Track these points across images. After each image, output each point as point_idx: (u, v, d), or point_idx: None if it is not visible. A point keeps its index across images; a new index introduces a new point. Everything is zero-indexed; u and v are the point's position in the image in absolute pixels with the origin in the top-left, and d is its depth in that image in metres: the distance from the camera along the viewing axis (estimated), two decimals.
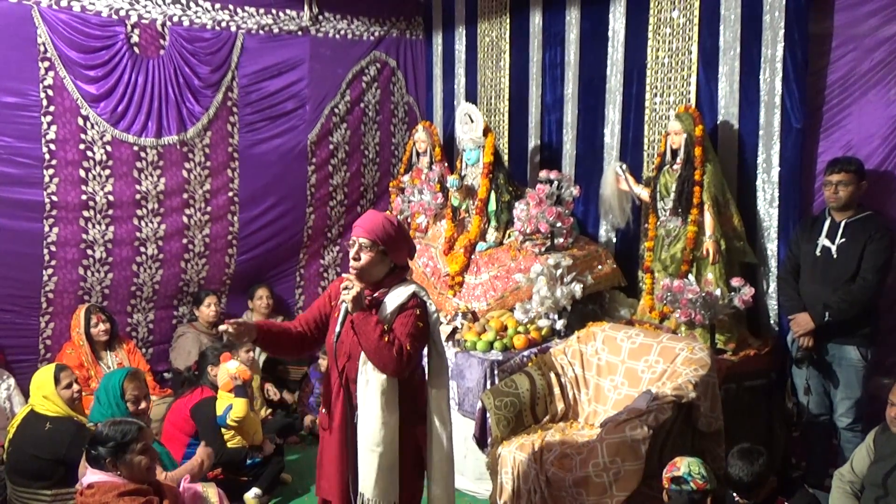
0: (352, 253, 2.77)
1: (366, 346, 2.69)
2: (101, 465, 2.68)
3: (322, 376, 3.05)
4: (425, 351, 2.91)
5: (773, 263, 4.24)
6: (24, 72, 4.58)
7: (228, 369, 4.13)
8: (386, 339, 2.68)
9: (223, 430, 4.09)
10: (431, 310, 2.89)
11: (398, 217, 4.76)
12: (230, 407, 4.05)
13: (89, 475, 2.71)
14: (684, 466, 2.95)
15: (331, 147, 5.87)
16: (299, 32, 5.59)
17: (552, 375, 3.95)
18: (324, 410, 2.93)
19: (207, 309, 5.29)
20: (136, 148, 5.00)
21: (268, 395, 5.00)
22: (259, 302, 5.58)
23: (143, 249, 5.16)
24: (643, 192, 4.53)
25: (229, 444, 4.10)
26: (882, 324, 3.77)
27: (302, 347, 2.96)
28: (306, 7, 5.58)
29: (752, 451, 2.98)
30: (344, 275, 2.81)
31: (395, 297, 2.80)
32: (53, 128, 4.71)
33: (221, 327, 2.74)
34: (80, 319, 4.71)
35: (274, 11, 5.46)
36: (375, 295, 2.80)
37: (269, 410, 4.99)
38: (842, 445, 3.80)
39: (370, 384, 2.74)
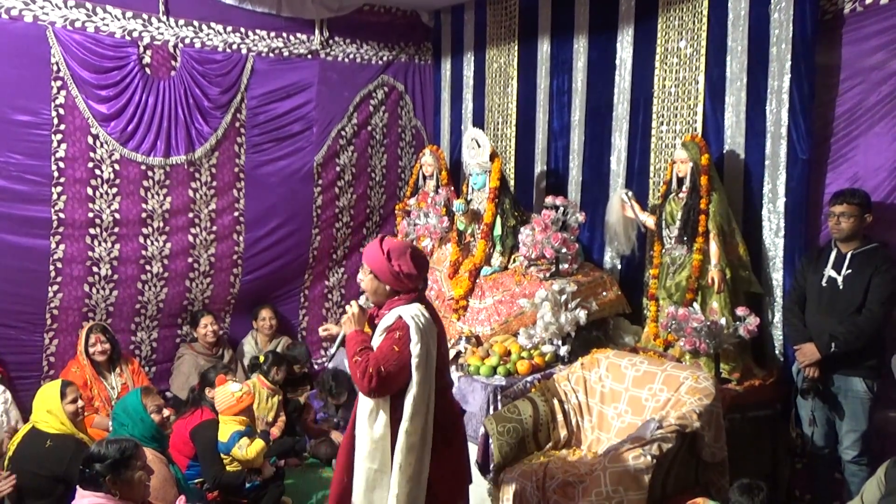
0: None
1: (348, 363, 2.85)
2: (97, 485, 2.65)
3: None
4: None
5: (778, 293, 4.22)
6: (36, 91, 4.63)
7: (233, 391, 4.05)
8: (356, 358, 2.76)
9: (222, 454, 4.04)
10: (414, 336, 2.76)
11: (412, 243, 4.39)
12: (237, 435, 3.95)
13: (79, 499, 2.66)
14: None
15: (337, 169, 5.91)
16: (309, 56, 5.65)
17: (555, 402, 3.93)
18: None
19: (204, 329, 5.29)
20: (143, 167, 5.04)
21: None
22: (263, 323, 5.58)
23: (148, 268, 5.17)
24: (649, 220, 4.54)
25: (228, 468, 4.06)
26: (888, 356, 3.73)
27: None
28: (317, 31, 5.65)
29: (753, 486, 2.97)
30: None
31: (386, 319, 2.87)
32: (63, 146, 4.74)
33: None
34: (82, 338, 4.71)
35: (284, 35, 5.52)
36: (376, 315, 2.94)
37: None
38: (847, 479, 3.76)
39: (360, 400, 2.87)
